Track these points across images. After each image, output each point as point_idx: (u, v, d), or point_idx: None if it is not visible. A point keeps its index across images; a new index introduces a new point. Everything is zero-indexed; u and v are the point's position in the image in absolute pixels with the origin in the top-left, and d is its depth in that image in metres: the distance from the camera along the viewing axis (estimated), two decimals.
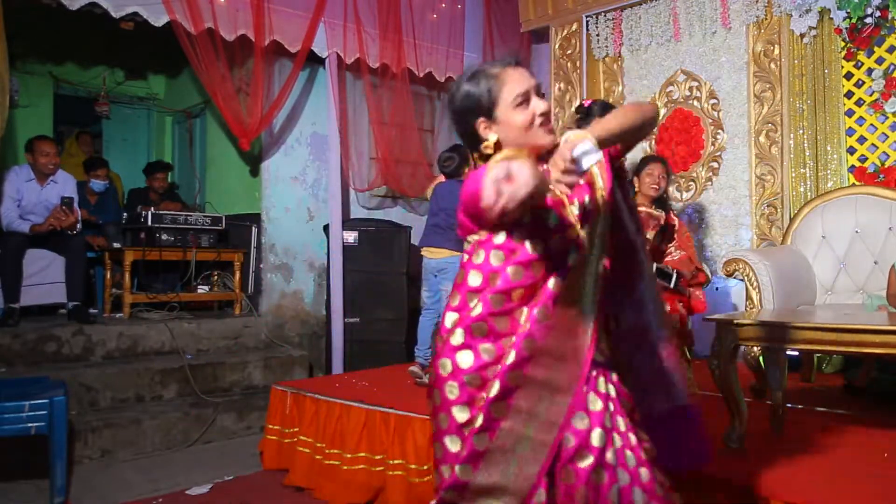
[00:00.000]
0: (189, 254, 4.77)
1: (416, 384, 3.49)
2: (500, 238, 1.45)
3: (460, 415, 1.41)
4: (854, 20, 4.00)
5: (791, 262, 3.75)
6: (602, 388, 1.43)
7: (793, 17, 4.26)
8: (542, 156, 1.47)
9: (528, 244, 1.43)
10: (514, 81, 1.44)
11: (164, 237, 4.70)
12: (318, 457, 3.16)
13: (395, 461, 2.85)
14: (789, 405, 2.80)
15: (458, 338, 1.43)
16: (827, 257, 3.86)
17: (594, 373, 1.43)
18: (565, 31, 5.42)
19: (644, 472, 1.40)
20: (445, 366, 1.44)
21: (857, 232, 3.81)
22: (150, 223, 4.66)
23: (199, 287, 5.02)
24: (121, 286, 4.72)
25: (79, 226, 4.55)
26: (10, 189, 4.34)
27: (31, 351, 3.91)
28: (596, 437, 1.38)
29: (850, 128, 4.20)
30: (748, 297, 3.51)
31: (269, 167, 5.09)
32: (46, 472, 2.92)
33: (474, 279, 1.46)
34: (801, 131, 4.31)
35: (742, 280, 3.55)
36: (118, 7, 4.07)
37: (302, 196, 5.23)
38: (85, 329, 4.11)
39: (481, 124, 1.48)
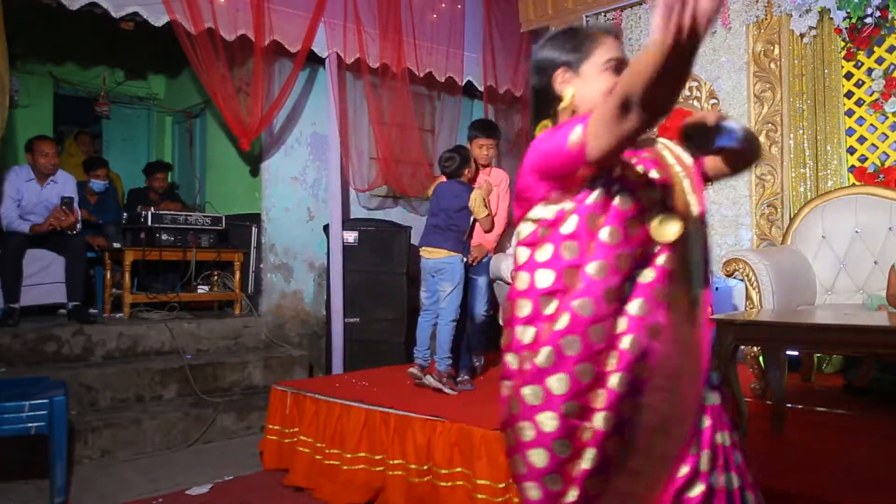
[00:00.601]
0: (189, 254, 4.77)
1: (416, 385, 3.48)
2: (570, 226, 1.23)
3: (562, 449, 1.19)
4: (854, 20, 4.00)
5: (791, 262, 3.75)
6: (707, 400, 1.25)
7: (793, 17, 4.26)
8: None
9: (604, 234, 1.21)
10: (610, 46, 1.36)
11: (164, 237, 4.70)
12: (318, 457, 3.17)
13: (395, 461, 2.85)
14: (789, 405, 2.79)
15: (544, 358, 1.20)
16: (827, 257, 3.86)
17: None
18: None
19: (750, 498, 1.26)
20: (536, 394, 1.20)
21: (857, 232, 3.81)
22: (150, 223, 4.65)
23: (199, 287, 5.01)
24: (121, 286, 4.72)
25: (79, 226, 4.55)
26: (10, 189, 4.34)
27: (31, 351, 3.91)
28: (705, 461, 1.21)
29: (850, 128, 4.19)
30: (748, 297, 3.51)
31: (269, 167, 5.09)
32: (46, 472, 2.92)
33: (544, 279, 1.23)
34: (801, 131, 4.31)
35: (742, 280, 3.55)
36: (118, 7, 4.07)
37: (302, 196, 5.23)
38: (85, 329, 4.10)
39: (559, 75, 1.36)
